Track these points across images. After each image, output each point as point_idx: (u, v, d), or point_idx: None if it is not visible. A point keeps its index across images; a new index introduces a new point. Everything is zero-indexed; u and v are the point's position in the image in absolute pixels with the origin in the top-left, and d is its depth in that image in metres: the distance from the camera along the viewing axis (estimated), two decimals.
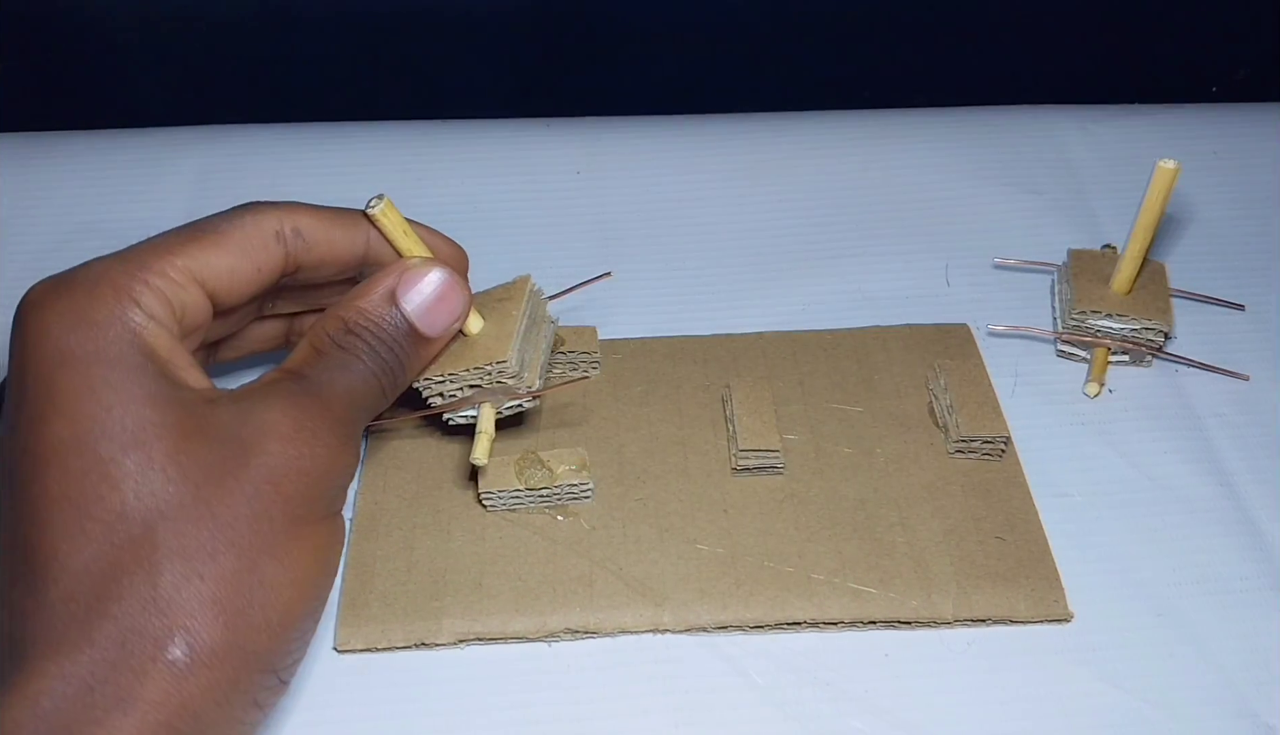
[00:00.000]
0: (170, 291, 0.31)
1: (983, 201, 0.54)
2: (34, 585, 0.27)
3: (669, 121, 0.58)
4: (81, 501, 0.27)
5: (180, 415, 0.29)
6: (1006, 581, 0.39)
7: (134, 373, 0.29)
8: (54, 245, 0.51)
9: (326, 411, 0.31)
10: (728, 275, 0.51)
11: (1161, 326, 0.45)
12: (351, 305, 0.34)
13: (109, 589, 0.27)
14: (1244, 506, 0.43)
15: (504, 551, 0.40)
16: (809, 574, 0.39)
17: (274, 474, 0.30)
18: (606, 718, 0.37)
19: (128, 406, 0.28)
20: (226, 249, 0.32)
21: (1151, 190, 0.43)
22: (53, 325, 0.29)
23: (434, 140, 0.57)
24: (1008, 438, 0.42)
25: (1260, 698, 0.37)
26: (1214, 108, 0.59)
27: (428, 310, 0.35)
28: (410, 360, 0.35)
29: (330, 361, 0.32)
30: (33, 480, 0.28)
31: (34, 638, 0.27)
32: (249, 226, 0.33)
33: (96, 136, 0.56)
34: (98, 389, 0.28)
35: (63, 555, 0.27)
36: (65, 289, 0.30)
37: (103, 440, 0.28)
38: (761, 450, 0.41)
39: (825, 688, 0.37)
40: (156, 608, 0.27)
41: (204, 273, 0.32)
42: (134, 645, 0.27)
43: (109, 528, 0.27)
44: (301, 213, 0.34)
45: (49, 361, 0.28)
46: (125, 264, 0.30)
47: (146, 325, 0.30)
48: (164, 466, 0.28)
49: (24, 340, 0.29)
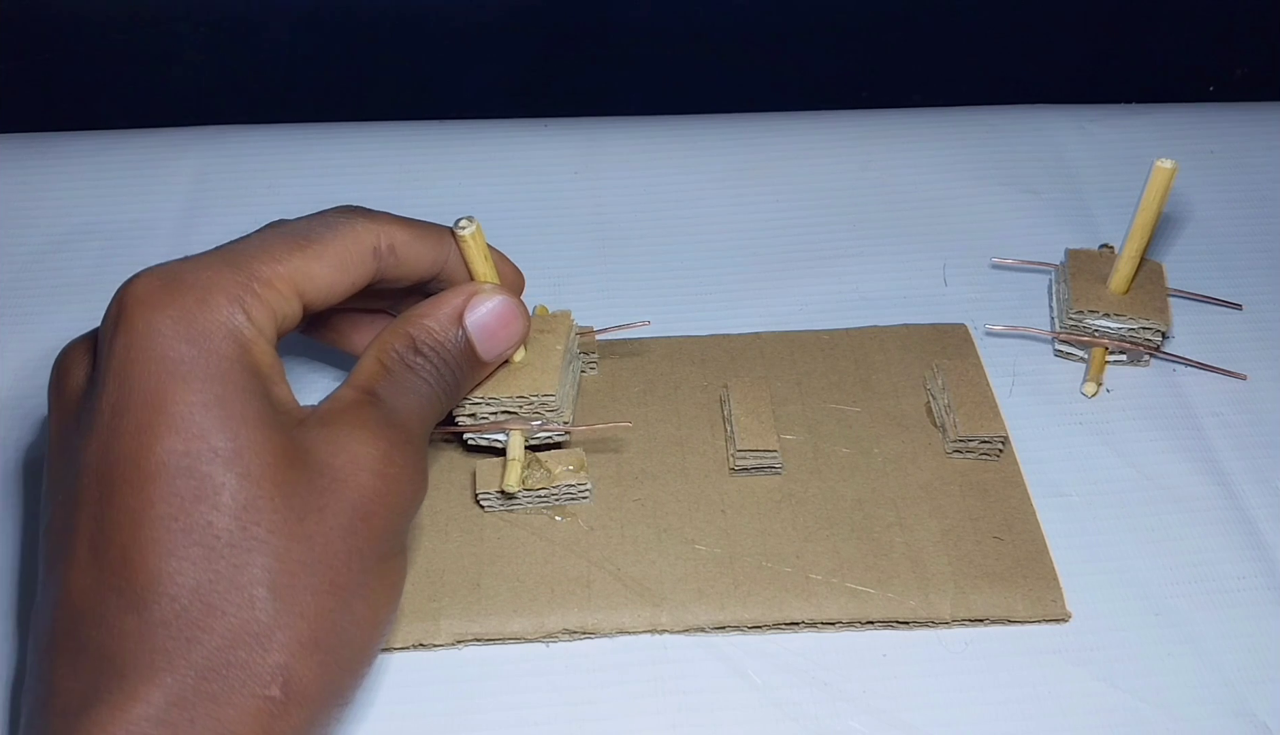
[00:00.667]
0: (276, 304, 0.30)
1: (980, 201, 0.54)
2: (135, 604, 0.27)
3: (667, 122, 0.58)
4: (187, 524, 0.27)
5: (282, 440, 0.29)
6: (1004, 581, 0.39)
7: (241, 391, 0.28)
8: (51, 246, 0.51)
9: (408, 442, 0.31)
10: (724, 275, 0.51)
11: (1159, 326, 0.45)
12: (419, 322, 0.34)
13: (210, 617, 0.27)
14: (1241, 506, 0.43)
15: (502, 552, 0.40)
16: (807, 574, 0.39)
17: (364, 508, 0.29)
18: (604, 718, 0.37)
19: (236, 428, 0.28)
20: (328, 261, 0.32)
21: (1149, 190, 0.43)
22: (165, 330, 0.28)
23: (431, 140, 0.57)
24: (1005, 437, 0.42)
25: (1257, 697, 0.37)
26: (1211, 107, 0.59)
27: (489, 335, 0.35)
28: (466, 382, 0.35)
29: (399, 382, 0.32)
30: (136, 493, 0.27)
31: (134, 658, 0.26)
32: (349, 239, 0.32)
33: (93, 137, 0.56)
34: (209, 406, 0.28)
35: (165, 577, 0.27)
36: (177, 290, 0.28)
37: (212, 462, 0.27)
38: (759, 450, 0.41)
39: (823, 688, 0.37)
40: (258, 643, 0.27)
41: (304, 285, 0.31)
42: (235, 679, 0.27)
43: (213, 553, 0.27)
44: (397, 228, 0.34)
45: (159, 369, 0.28)
46: (236, 271, 0.29)
47: (255, 340, 0.29)
48: (270, 495, 0.28)
49: (131, 339, 0.28)
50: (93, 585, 0.27)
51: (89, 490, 0.28)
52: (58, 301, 0.49)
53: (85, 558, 0.27)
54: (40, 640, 0.28)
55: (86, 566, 0.27)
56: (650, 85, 0.65)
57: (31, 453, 0.43)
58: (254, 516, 0.28)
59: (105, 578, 0.27)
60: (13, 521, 0.41)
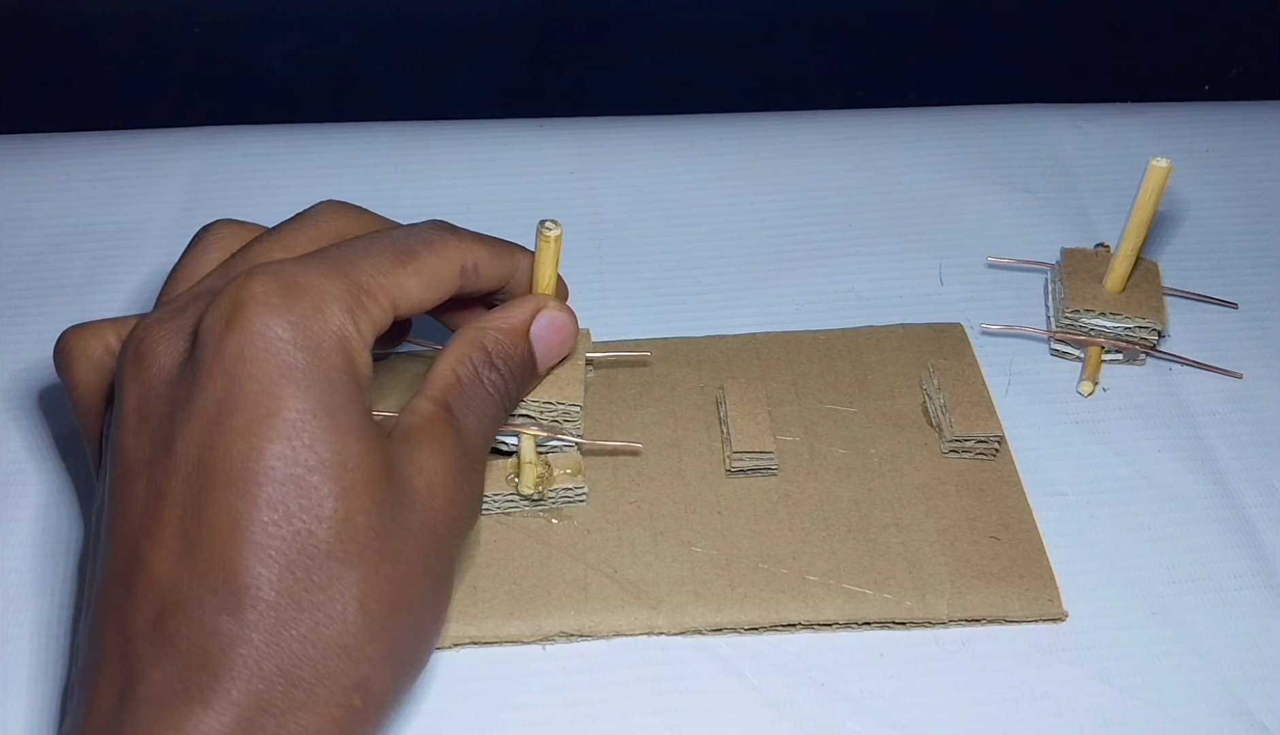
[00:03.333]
0: (378, 317, 0.30)
1: (976, 201, 0.54)
2: (232, 606, 0.27)
3: (662, 121, 0.58)
4: (290, 532, 0.27)
5: (378, 455, 0.29)
6: (1001, 581, 0.39)
7: (347, 404, 0.28)
8: (47, 247, 0.51)
9: (475, 467, 0.32)
10: (720, 275, 0.51)
11: (1155, 325, 0.46)
12: (493, 335, 0.34)
13: (305, 627, 0.27)
14: (1238, 504, 0.43)
15: (498, 555, 0.40)
16: (804, 575, 0.39)
17: (437, 531, 0.30)
18: (601, 720, 0.37)
19: (343, 439, 0.28)
20: (423, 278, 0.32)
21: (1144, 189, 0.43)
22: (282, 333, 0.28)
23: (427, 141, 0.57)
24: (1001, 437, 0.42)
25: (1254, 695, 0.37)
26: (1207, 106, 0.59)
27: (548, 349, 0.36)
28: (523, 393, 0.37)
29: (472, 397, 0.33)
30: (242, 495, 0.27)
31: (228, 659, 0.27)
32: (442, 258, 0.33)
33: (89, 138, 0.56)
34: (319, 415, 0.28)
35: (265, 583, 0.27)
36: (294, 296, 0.28)
37: (319, 471, 0.27)
38: (756, 452, 0.41)
39: (819, 688, 0.37)
40: (347, 654, 0.28)
41: (400, 298, 0.31)
42: (322, 688, 0.27)
43: (313, 563, 0.27)
44: (480, 247, 0.35)
45: (274, 372, 0.28)
46: (348, 282, 0.30)
47: (361, 351, 0.30)
48: (366, 510, 0.28)
49: (247, 338, 0.28)
50: (185, 578, 0.27)
51: (185, 480, 0.28)
52: (54, 302, 0.49)
53: (176, 547, 0.27)
54: (113, 620, 0.28)
55: (178, 557, 0.27)
56: (646, 85, 0.65)
57: (31, 453, 0.43)
58: (351, 530, 0.28)
59: (200, 574, 0.27)
60: (12, 519, 0.41)
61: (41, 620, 0.39)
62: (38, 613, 0.39)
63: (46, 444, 0.44)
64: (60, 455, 0.43)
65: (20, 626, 0.39)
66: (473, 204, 0.54)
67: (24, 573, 0.40)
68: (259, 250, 0.33)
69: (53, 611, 0.39)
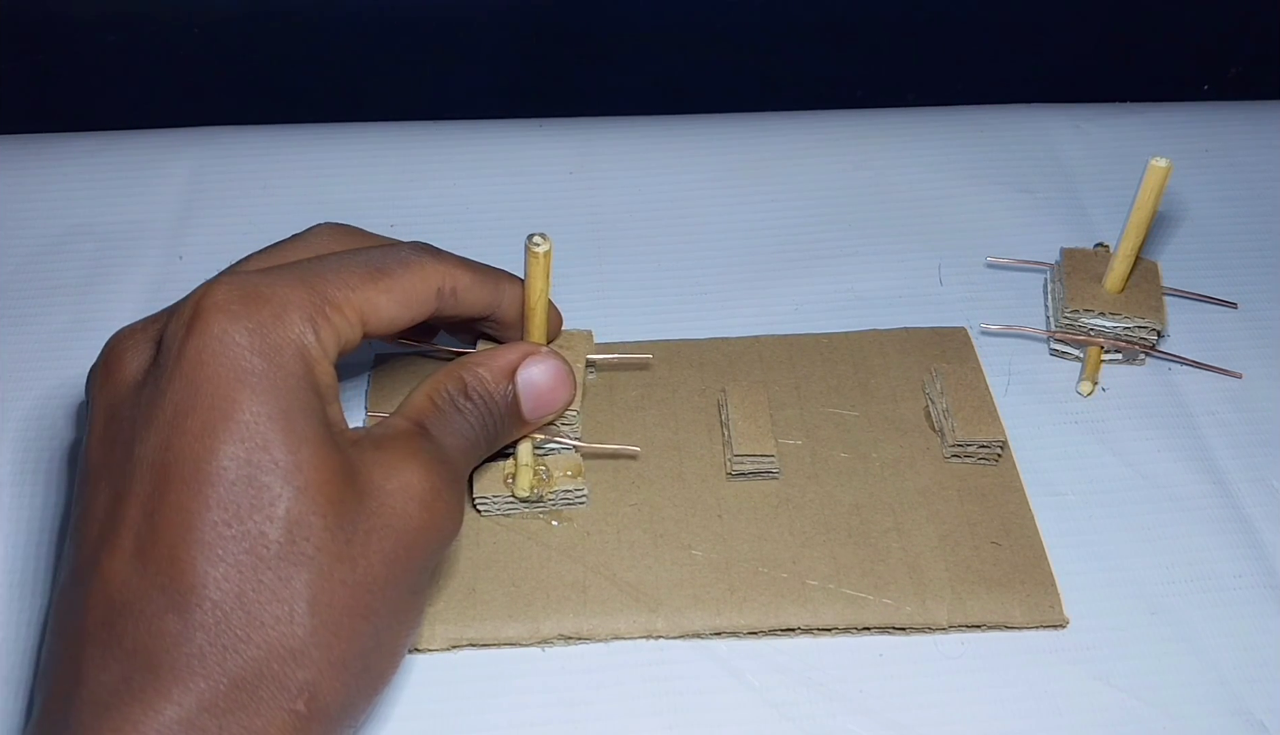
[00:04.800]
0: (342, 329, 0.31)
1: (975, 201, 0.54)
2: (178, 604, 0.27)
3: (662, 122, 0.58)
4: (240, 532, 0.27)
5: (338, 459, 0.29)
6: (1002, 587, 0.39)
7: (304, 409, 0.29)
8: (46, 247, 0.51)
9: (455, 481, 0.32)
10: (720, 276, 0.51)
11: (1154, 325, 0.46)
12: (473, 370, 0.34)
13: (250, 627, 0.27)
14: (1237, 504, 0.43)
15: (498, 557, 0.40)
16: (803, 580, 0.39)
17: (408, 539, 0.30)
18: (600, 722, 0.37)
19: (298, 443, 0.28)
20: (395, 296, 0.32)
21: (1143, 189, 0.43)
22: (239, 338, 0.28)
23: (426, 141, 0.56)
24: (1004, 442, 0.42)
25: (1254, 695, 0.38)
26: (1206, 106, 0.59)
27: (537, 397, 0.36)
28: (506, 435, 0.36)
29: (446, 421, 0.33)
30: (194, 494, 0.27)
31: (172, 658, 0.27)
32: (417, 278, 0.33)
33: (88, 138, 0.56)
34: (274, 419, 0.28)
35: (212, 582, 0.27)
36: (253, 302, 0.29)
37: (271, 473, 0.28)
38: (757, 455, 0.41)
39: (819, 689, 0.38)
40: (293, 657, 0.27)
41: (370, 315, 0.32)
42: (266, 690, 0.27)
43: (261, 563, 0.27)
44: (461, 272, 0.35)
45: (230, 377, 0.28)
46: (311, 292, 0.30)
47: (320, 360, 0.30)
48: (322, 512, 0.28)
49: (205, 342, 0.28)
50: (135, 578, 0.27)
51: (142, 483, 0.28)
52: (52, 302, 0.49)
53: (130, 549, 0.28)
54: (67, 624, 0.28)
55: (130, 559, 0.28)
56: (645, 85, 0.65)
57: (29, 453, 0.43)
58: (304, 532, 0.28)
59: (149, 574, 0.27)
60: (10, 520, 0.41)
61: (42, 621, 0.39)
62: (38, 613, 0.39)
63: (46, 444, 0.44)
64: (60, 455, 0.43)
65: (20, 627, 0.39)
66: (472, 204, 0.53)
67: (24, 573, 0.40)
68: (243, 263, 0.33)
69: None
